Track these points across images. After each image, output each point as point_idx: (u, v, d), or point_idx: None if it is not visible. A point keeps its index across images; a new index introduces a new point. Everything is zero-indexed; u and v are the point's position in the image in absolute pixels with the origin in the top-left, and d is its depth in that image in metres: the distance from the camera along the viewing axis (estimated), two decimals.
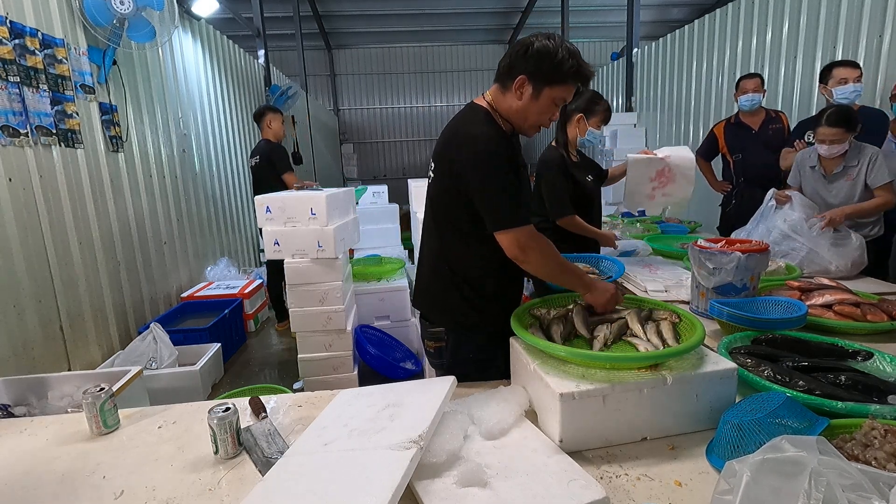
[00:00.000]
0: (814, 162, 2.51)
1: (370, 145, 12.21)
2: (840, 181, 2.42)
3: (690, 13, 9.71)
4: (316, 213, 2.76)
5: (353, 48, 11.55)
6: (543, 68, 1.23)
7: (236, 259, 5.24)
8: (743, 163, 3.47)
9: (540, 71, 1.23)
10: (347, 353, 2.97)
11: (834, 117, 2.30)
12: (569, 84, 1.26)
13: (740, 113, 3.49)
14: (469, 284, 1.40)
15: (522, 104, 1.28)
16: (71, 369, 2.67)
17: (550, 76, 1.24)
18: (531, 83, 1.25)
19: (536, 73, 1.24)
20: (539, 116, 1.31)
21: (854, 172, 2.38)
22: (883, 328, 1.55)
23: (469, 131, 1.31)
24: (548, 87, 1.25)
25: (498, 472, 0.95)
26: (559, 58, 1.21)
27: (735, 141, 3.50)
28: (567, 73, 1.23)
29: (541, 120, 1.33)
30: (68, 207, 2.75)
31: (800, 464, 0.68)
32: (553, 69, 1.23)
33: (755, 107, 3.41)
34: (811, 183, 2.53)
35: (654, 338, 1.21)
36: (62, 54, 2.77)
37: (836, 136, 2.31)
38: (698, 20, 5.27)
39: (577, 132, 2.31)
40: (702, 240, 1.81)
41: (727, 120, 3.62)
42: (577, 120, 2.29)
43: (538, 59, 1.22)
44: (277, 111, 4.20)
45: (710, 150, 3.70)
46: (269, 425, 1.21)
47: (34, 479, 1.07)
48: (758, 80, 3.38)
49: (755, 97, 3.37)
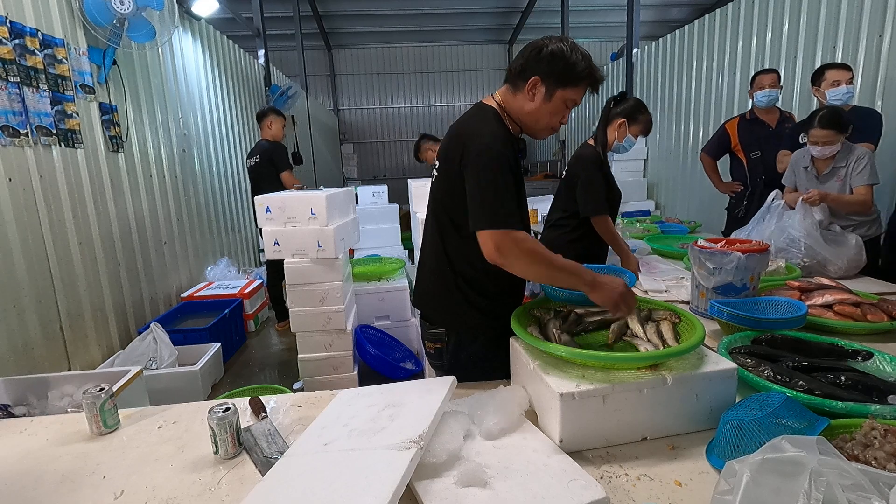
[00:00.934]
0: (807, 162, 2.56)
1: (370, 145, 12.20)
2: (831, 181, 2.47)
3: (690, 13, 9.70)
4: (316, 213, 2.76)
5: (353, 48, 11.54)
6: (557, 70, 1.24)
7: (236, 259, 5.25)
8: (762, 162, 3.27)
9: (553, 72, 1.25)
10: (347, 353, 2.97)
11: (825, 119, 2.35)
12: (581, 86, 1.28)
13: (756, 109, 3.35)
14: (470, 285, 1.40)
15: (535, 105, 1.29)
16: (71, 369, 2.67)
17: (563, 78, 1.25)
18: (544, 84, 1.26)
19: (550, 75, 1.25)
20: (551, 118, 1.31)
21: (843, 173, 2.43)
22: (883, 328, 1.55)
23: (476, 129, 1.31)
24: (560, 89, 1.27)
25: (498, 472, 0.95)
26: (572, 60, 1.24)
27: (751, 138, 3.34)
28: (580, 76, 1.25)
29: (552, 122, 1.33)
30: (68, 207, 2.75)
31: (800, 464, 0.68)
32: (566, 71, 1.24)
33: (773, 103, 3.26)
34: (805, 183, 2.57)
35: (654, 338, 1.21)
36: (62, 54, 2.77)
37: (828, 137, 2.36)
38: (698, 20, 5.27)
39: (616, 136, 2.32)
40: (702, 240, 1.81)
41: (741, 116, 3.46)
42: (619, 124, 2.30)
43: (552, 60, 1.24)
44: (280, 115, 4.22)
45: (721, 148, 3.53)
46: (269, 425, 1.21)
47: (34, 479, 1.07)
48: (774, 76, 3.23)
49: (772, 92, 3.22)
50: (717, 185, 3.63)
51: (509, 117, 1.35)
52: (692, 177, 3.75)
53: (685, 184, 5.53)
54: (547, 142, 10.48)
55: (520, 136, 1.42)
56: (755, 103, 3.34)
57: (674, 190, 5.85)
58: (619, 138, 2.33)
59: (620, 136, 2.32)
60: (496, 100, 1.36)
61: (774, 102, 3.29)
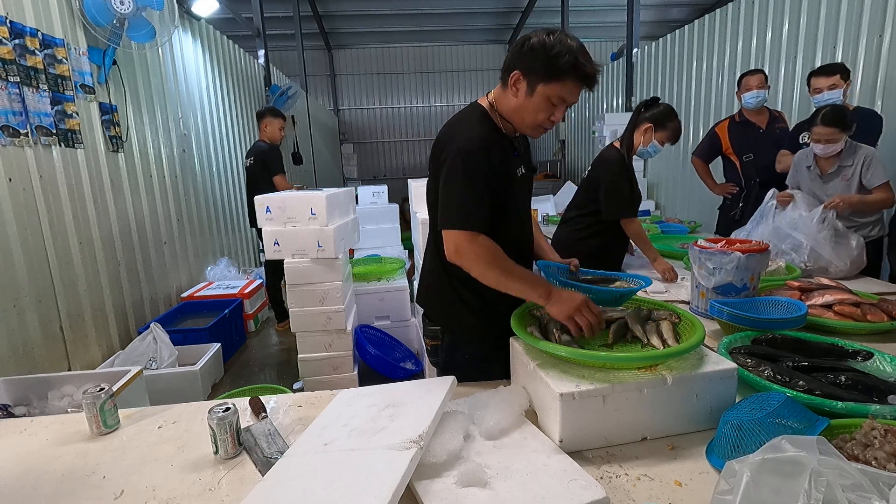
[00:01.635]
0: (810, 162, 2.53)
1: (370, 145, 12.21)
2: (835, 181, 2.45)
3: (690, 13, 9.71)
4: (316, 213, 2.76)
5: (353, 48, 11.55)
6: (537, 64, 1.17)
7: (236, 259, 5.25)
8: (755, 164, 3.27)
9: (534, 67, 1.17)
10: (347, 353, 2.97)
11: (828, 117, 2.33)
12: (566, 81, 1.17)
13: (745, 111, 3.33)
14: (464, 285, 1.38)
15: (518, 102, 1.23)
16: (71, 369, 2.67)
17: (544, 72, 1.17)
18: (525, 79, 1.20)
19: (531, 70, 1.18)
20: (535, 115, 1.23)
21: (849, 172, 2.40)
22: (883, 328, 1.55)
23: (457, 130, 1.29)
24: (542, 84, 1.18)
25: (498, 472, 0.95)
26: (553, 53, 1.14)
27: (743, 141, 3.33)
28: (562, 69, 1.15)
29: (537, 119, 1.25)
30: (68, 207, 2.75)
31: (800, 464, 0.68)
32: (546, 65, 1.16)
33: (761, 104, 3.25)
34: (807, 183, 2.55)
35: (654, 338, 1.21)
36: (62, 54, 2.77)
37: (831, 135, 2.33)
38: (698, 20, 5.28)
39: (642, 140, 2.31)
40: (702, 240, 1.81)
41: (730, 118, 3.44)
42: (646, 129, 2.28)
43: (532, 54, 1.17)
44: (278, 116, 4.21)
45: (712, 152, 3.52)
46: (269, 425, 1.20)
47: (34, 479, 1.07)
48: (761, 77, 3.23)
49: (760, 93, 3.21)
50: (712, 187, 3.61)
51: (501, 116, 1.30)
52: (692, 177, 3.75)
53: (685, 184, 5.53)
54: (547, 141, 10.47)
55: (515, 135, 1.37)
56: (744, 105, 3.31)
57: (674, 190, 5.85)
58: (645, 143, 2.30)
59: (646, 141, 2.30)
60: (489, 98, 1.34)
61: (763, 103, 3.27)
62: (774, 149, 3.23)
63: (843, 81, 2.73)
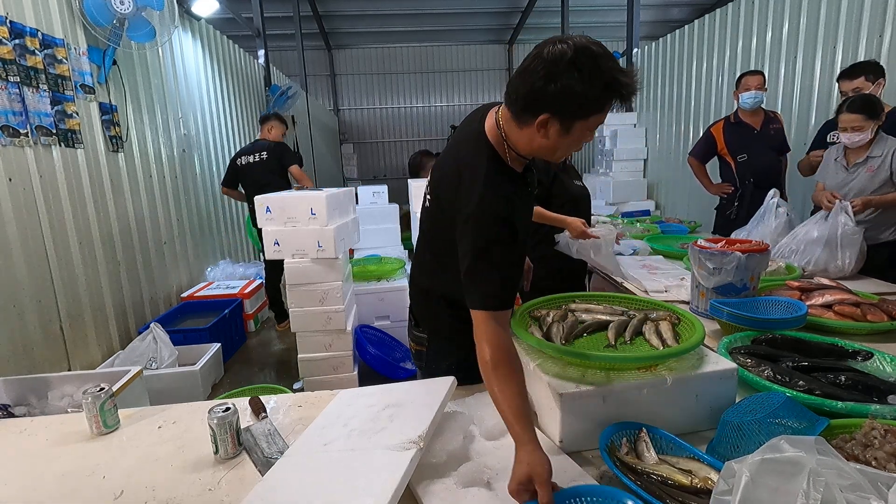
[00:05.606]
0: (838, 154, 2.47)
1: (370, 145, 12.20)
2: (860, 171, 2.36)
3: (690, 13, 9.70)
4: (316, 213, 2.76)
5: (353, 48, 11.54)
6: (573, 107, 1.01)
7: (236, 259, 5.25)
8: (749, 164, 3.29)
9: (569, 110, 1.01)
10: (347, 353, 2.97)
11: (857, 104, 2.26)
12: (605, 107, 1.03)
13: (740, 112, 3.34)
14: (448, 304, 1.35)
15: (550, 143, 1.07)
16: (71, 369, 2.67)
17: (581, 112, 1.01)
18: (558, 121, 1.02)
19: (564, 112, 1.01)
20: (571, 147, 1.10)
21: (877, 163, 2.31)
22: (883, 328, 1.55)
23: (471, 178, 1.12)
24: (580, 121, 1.03)
25: (498, 472, 0.95)
26: (593, 93, 0.99)
27: (738, 141, 3.34)
28: (602, 99, 1.00)
29: (574, 149, 1.13)
30: (68, 207, 2.75)
31: (798, 464, 0.68)
32: (584, 106, 1.01)
33: (757, 105, 3.26)
34: (833, 176, 2.48)
35: (654, 338, 1.21)
36: (62, 54, 2.77)
37: (857, 122, 2.25)
38: (698, 20, 5.27)
39: None
40: (702, 240, 1.81)
41: (725, 119, 3.46)
42: None
43: (563, 98, 0.99)
44: (283, 123, 4.26)
45: (707, 152, 3.53)
46: (269, 425, 1.21)
47: (34, 479, 1.07)
48: (760, 78, 3.24)
49: (758, 94, 3.22)
50: (708, 187, 3.63)
51: (510, 147, 1.14)
52: (692, 177, 3.75)
53: (685, 184, 5.53)
54: None
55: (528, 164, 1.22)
56: (740, 105, 3.31)
57: (674, 190, 5.85)
58: None
59: None
60: (498, 126, 1.14)
61: (760, 104, 3.28)
62: (768, 149, 3.25)
63: (868, 83, 2.63)
